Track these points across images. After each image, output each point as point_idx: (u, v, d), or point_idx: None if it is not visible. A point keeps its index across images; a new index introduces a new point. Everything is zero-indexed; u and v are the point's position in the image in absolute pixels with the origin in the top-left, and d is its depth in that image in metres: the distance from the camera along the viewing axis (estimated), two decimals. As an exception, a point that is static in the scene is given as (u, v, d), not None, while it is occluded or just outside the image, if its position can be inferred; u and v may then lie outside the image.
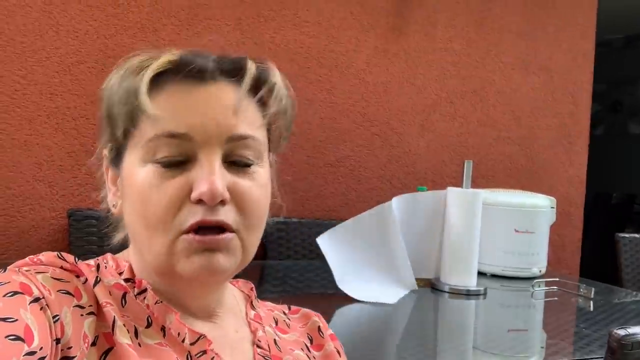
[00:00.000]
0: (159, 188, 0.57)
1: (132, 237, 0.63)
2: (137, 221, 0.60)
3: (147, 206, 0.58)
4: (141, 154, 0.59)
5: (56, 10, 1.99)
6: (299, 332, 0.76)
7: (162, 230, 0.58)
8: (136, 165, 0.59)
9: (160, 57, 0.60)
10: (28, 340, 0.48)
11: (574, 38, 2.89)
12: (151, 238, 0.59)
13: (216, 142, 0.58)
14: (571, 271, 2.89)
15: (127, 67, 0.60)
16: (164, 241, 0.58)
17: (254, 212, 0.61)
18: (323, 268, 2.04)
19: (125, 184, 0.61)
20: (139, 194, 0.59)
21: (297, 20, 2.35)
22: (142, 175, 0.58)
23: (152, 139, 0.58)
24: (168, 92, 0.59)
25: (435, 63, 2.61)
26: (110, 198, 0.65)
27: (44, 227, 1.99)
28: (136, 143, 0.60)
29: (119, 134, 0.60)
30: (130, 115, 0.59)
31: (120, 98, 0.59)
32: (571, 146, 2.91)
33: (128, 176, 0.61)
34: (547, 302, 1.77)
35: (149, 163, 0.58)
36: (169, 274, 0.60)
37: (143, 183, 0.58)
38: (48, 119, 1.99)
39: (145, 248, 0.60)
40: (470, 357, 1.25)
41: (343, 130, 2.44)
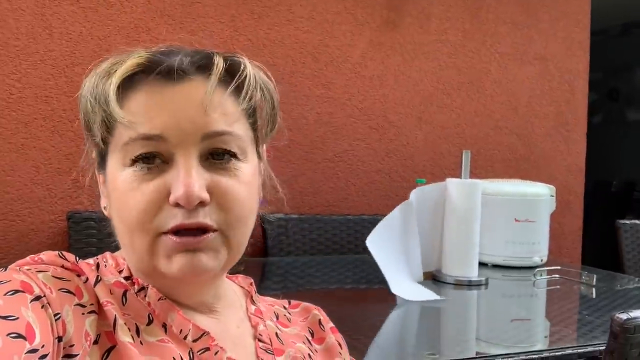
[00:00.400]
0: (137, 191, 0.57)
1: (119, 239, 0.63)
2: (120, 223, 0.60)
3: (126, 209, 0.58)
4: (119, 158, 0.59)
5: (49, 12, 1.99)
6: (300, 326, 0.76)
7: (140, 231, 0.58)
8: (117, 169, 0.59)
9: (127, 60, 0.59)
10: (29, 338, 0.48)
11: (568, 27, 2.88)
12: (132, 239, 0.59)
13: (191, 141, 0.58)
14: (572, 259, 2.89)
15: (97, 73, 0.60)
16: (143, 242, 0.58)
17: (236, 209, 0.60)
18: (324, 264, 2.04)
19: (110, 188, 0.61)
20: (119, 198, 0.59)
21: (291, 16, 2.35)
22: (121, 179, 0.58)
23: (127, 142, 0.57)
24: (139, 94, 0.59)
25: (430, 55, 2.60)
26: (102, 201, 0.66)
27: (43, 230, 1.99)
28: (114, 148, 0.60)
29: (98, 141, 0.60)
30: (104, 123, 0.58)
31: (92, 106, 0.59)
32: (569, 134, 2.91)
33: (111, 180, 0.61)
34: (549, 291, 1.77)
35: (127, 167, 0.58)
36: (153, 273, 0.60)
37: (123, 186, 0.58)
38: (44, 122, 1.99)
39: (129, 249, 0.61)
40: (473, 348, 1.25)
41: (340, 124, 2.44)
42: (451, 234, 1.75)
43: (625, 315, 0.87)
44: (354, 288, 1.77)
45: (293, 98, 2.32)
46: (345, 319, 1.32)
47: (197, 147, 0.58)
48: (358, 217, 2.40)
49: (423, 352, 1.19)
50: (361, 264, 2.05)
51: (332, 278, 1.85)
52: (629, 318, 0.86)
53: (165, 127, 0.57)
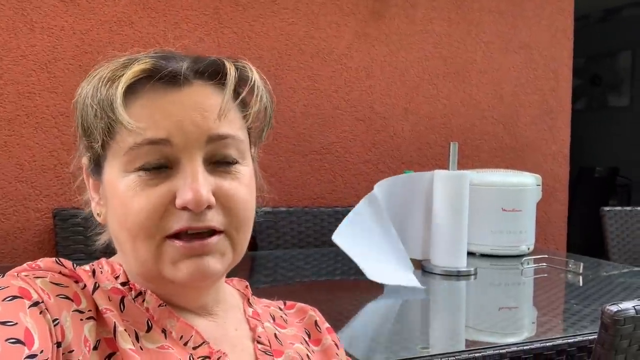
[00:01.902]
0: (142, 196, 0.57)
1: (118, 245, 0.63)
2: (121, 229, 0.60)
3: (129, 214, 0.58)
4: (122, 163, 0.58)
5: (29, 7, 1.95)
6: (297, 327, 0.76)
7: (145, 236, 0.58)
8: (117, 175, 0.59)
9: (132, 65, 0.59)
10: (28, 343, 0.48)
11: (552, 14, 2.90)
12: (135, 245, 0.59)
13: (196, 144, 0.58)
14: (558, 247, 2.92)
15: (99, 78, 0.59)
16: (148, 247, 0.58)
17: (240, 211, 0.61)
18: (313, 256, 2.05)
19: (108, 194, 0.61)
20: (122, 203, 0.58)
21: (276, 8, 2.33)
22: (124, 185, 0.58)
23: (132, 147, 0.57)
24: (143, 99, 0.59)
25: (416, 45, 2.60)
26: (94, 207, 0.65)
27: (29, 229, 1.97)
28: (115, 153, 0.59)
29: (96, 146, 0.60)
30: (107, 127, 0.58)
31: (95, 111, 0.58)
32: (554, 122, 2.93)
33: (110, 186, 0.60)
34: (536, 279, 1.79)
35: (131, 172, 0.58)
36: (157, 278, 0.60)
37: (126, 192, 0.58)
38: (27, 119, 1.96)
39: (131, 255, 0.60)
40: (463, 335, 1.27)
41: (327, 116, 2.43)
42: (440, 225, 1.76)
43: (615, 307, 0.88)
44: (344, 279, 1.77)
45: (279, 91, 2.31)
46: (335, 311, 1.33)
47: (202, 151, 0.59)
48: (346, 208, 2.39)
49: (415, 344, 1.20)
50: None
51: (322, 270, 1.86)
52: (619, 310, 0.87)
53: (170, 131, 0.58)
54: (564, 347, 1.13)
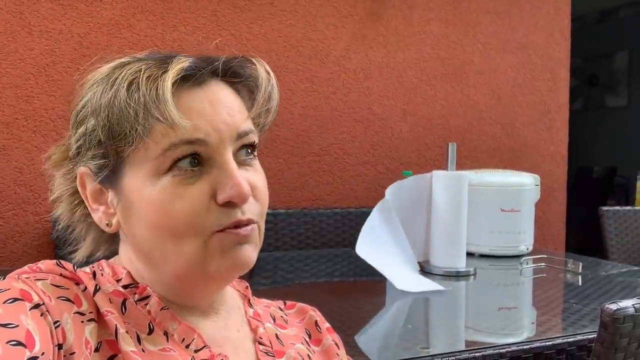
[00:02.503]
0: (183, 196, 0.58)
1: (145, 251, 0.62)
2: (157, 233, 0.59)
3: (171, 216, 0.58)
4: (153, 166, 0.58)
5: (27, 10, 1.95)
6: (297, 327, 0.77)
7: (192, 235, 0.58)
8: (147, 178, 0.59)
9: (173, 64, 0.58)
10: (29, 345, 0.48)
11: (549, 15, 2.90)
12: (180, 245, 0.59)
13: (228, 142, 0.60)
14: (557, 247, 2.93)
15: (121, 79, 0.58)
16: (196, 244, 0.58)
17: (264, 201, 0.64)
18: (312, 257, 2.05)
19: (132, 201, 0.60)
20: (160, 207, 0.58)
21: (274, 10, 2.33)
22: (160, 187, 0.58)
23: (168, 148, 0.57)
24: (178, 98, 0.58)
25: (414, 47, 2.60)
26: (100, 217, 0.64)
27: (28, 232, 1.96)
28: (143, 157, 0.58)
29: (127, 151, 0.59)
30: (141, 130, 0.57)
31: (135, 112, 0.57)
32: (552, 123, 2.94)
33: (136, 192, 0.59)
34: (535, 279, 1.79)
35: (165, 174, 0.58)
36: (198, 276, 0.61)
37: (162, 195, 0.58)
38: (26, 122, 1.96)
39: (170, 257, 0.60)
40: (462, 336, 1.27)
41: (325, 118, 2.44)
42: (439, 226, 1.76)
43: (615, 305, 0.88)
44: (343, 281, 1.78)
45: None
46: (335, 311, 1.33)
47: (232, 147, 0.60)
48: (345, 210, 2.40)
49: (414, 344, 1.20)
50: (349, 257, 2.06)
51: (321, 271, 1.86)
52: (618, 308, 0.87)
53: (206, 130, 0.58)
54: (563, 346, 1.13)
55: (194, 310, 0.65)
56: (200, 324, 0.64)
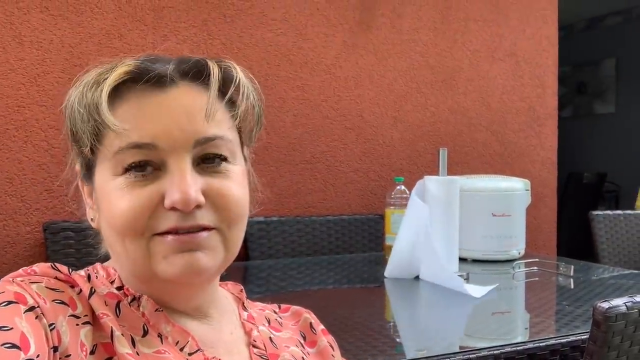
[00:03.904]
0: (130, 197, 0.58)
1: (110, 248, 0.64)
2: (111, 231, 0.60)
3: (117, 214, 0.58)
4: (110, 167, 0.59)
5: (18, 21, 1.95)
6: (292, 330, 0.76)
7: (134, 235, 0.58)
8: (107, 178, 0.60)
9: (116, 68, 0.59)
10: (24, 348, 0.48)
11: (537, 23, 2.94)
12: (124, 244, 0.59)
13: (183, 147, 0.58)
14: (548, 251, 2.94)
15: (85, 83, 0.60)
16: (138, 245, 0.58)
17: (231, 208, 0.61)
18: (305, 265, 2.05)
19: (99, 198, 0.62)
20: (111, 204, 0.59)
21: (264, 19, 2.34)
22: (113, 187, 0.59)
23: (118, 152, 0.58)
24: (128, 102, 0.59)
25: (404, 54, 2.62)
26: (88, 212, 0.66)
27: (19, 243, 1.95)
28: (104, 157, 0.60)
29: (85, 151, 0.60)
30: (94, 132, 0.58)
31: (81, 115, 0.59)
32: (541, 129, 2.96)
33: (100, 190, 0.61)
34: (528, 283, 1.80)
35: (119, 175, 0.58)
36: (149, 278, 0.60)
37: (114, 193, 0.58)
38: (17, 132, 1.95)
39: (123, 256, 0.61)
40: (457, 342, 1.27)
41: (317, 126, 2.45)
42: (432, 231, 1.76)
43: (607, 304, 0.89)
44: (336, 288, 1.78)
45: (269, 101, 2.32)
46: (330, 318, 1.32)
47: (190, 153, 0.59)
48: (338, 217, 2.41)
49: (410, 348, 1.21)
50: (342, 264, 2.06)
51: (315, 279, 1.86)
52: (610, 307, 0.88)
53: (155, 135, 0.58)
54: (557, 347, 1.14)
55: (183, 313, 0.64)
56: (193, 326, 0.64)
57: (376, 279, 1.90)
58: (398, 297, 1.69)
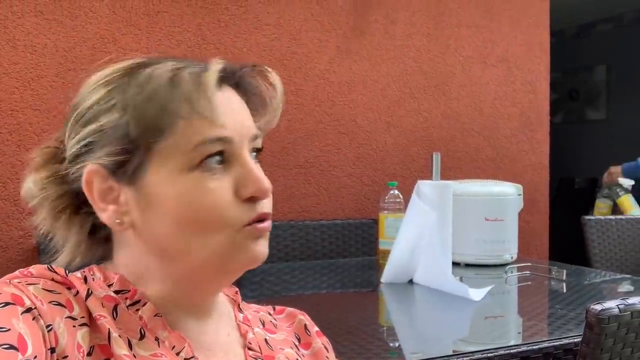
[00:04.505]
0: (210, 191, 0.59)
1: (164, 247, 0.61)
2: (182, 227, 0.60)
3: (199, 210, 0.59)
4: (182, 161, 0.59)
5: (12, 25, 1.95)
6: (286, 331, 0.77)
7: (220, 228, 0.60)
8: (174, 174, 0.59)
9: (211, 65, 0.61)
10: (22, 349, 0.48)
11: (529, 29, 2.96)
12: (206, 239, 0.60)
13: (247, 141, 0.63)
14: (541, 256, 2.96)
15: (158, 76, 0.60)
16: (223, 237, 0.60)
17: (271, 199, 0.66)
18: (299, 269, 2.05)
19: (156, 195, 0.60)
20: (188, 201, 0.59)
21: (258, 24, 2.35)
22: (188, 183, 0.59)
23: (199, 144, 0.59)
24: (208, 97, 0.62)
25: (397, 60, 2.64)
26: (110, 215, 0.62)
27: (12, 247, 1.94)
28: (172, 152, 0.59)
29: (152, 145, 0.59)
30: (181, 124, 0.59)
31: (169, 108, 0.59)
32: (533, 134, 2.98)
33: (161, 187, 0.59)
34: (520, 287, 1.81)
35: (193, 169, 0.59)
36: (217, 271, 0.62)
37: (190, 190, 0.59)
38: (10, 136, 1.95)
39: (195, 251, 0.60)
40: (450, 345, 1.27)
41: (310, 131, 2.45)
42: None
43: (599, 306, 0.90)
44: (330, 293, 1.78)
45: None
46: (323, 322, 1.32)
47: (248, 146, 0.63)
48: (331, 221, 2.41)
49: (404, 352, 1.21)
50: (336, 269, 2.07)
51: (308, 284, 1.86)
52: (603, 309, 0.89)
53: (233, 129, 0.61)
54: (550, 349, 1.14)
55: (190, 313, 0.65)
56: (194, 327, 0.64)
57: (370, 283, 1.90)
58: (392, 301, 1.70)
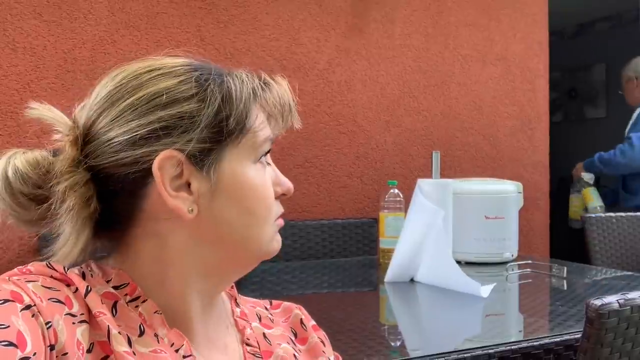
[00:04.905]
0: (268, 185, 0.66)
1: (224, 235, 0.63)
2: (249, 216, 0.64)
3: (261, 200, 0.65)
4: (251, 154, 0.64)
5: (11, 27, 1.95)
6: (283, 326, 0.77)
7: (270, 219, 0.66)
8: (246, 165, 0.64)
9: (274, 78, 0.70)
10: (21, 346, 0.48)
11: (528, 27, 2.96)
12: (263, 228, 0.66)
13: None
14: (541, 254, 2.95)
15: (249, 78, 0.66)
16: (270, 228, 0.67)
17: None
18: (300, 269, 2.05)
19: (231, 184, 0.63)
20: (255, 191, 0.65)
21: (258, 24, 2.36)
22: (255, 174, 0.65)
23: (265, 140, 0.66)
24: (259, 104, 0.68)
25: (396, 59, 2.64)
26: (182, 203, 0.60)
27: (13, 248, 1.95)
28: (247, 144, 0.64)
29: (237, 137, 0.63)
30: (278, 123, 0.68)
31: (273, 107, 0.67)
32: (532, 132, 2.98)
33: (237, 176, 0.63)
34: (521, 285, 1.81)
35: (255, 163, 0.65)
36: (258, 258, 0.68)
37: (257, 180, 0.65)
38: (10, 139, 1.95)
39: (253, 239, 0.65)
40: (451, 342, 1.27)
41: (310, 130, 2.45)
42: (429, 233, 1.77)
43: (599, 301, 0.90)
44: (331, 292, 1.78)
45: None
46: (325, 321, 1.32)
47: None
48: (331, 221, 2.41)
49: (405, 349, 1.21)
50: (336, 268, 2.07)
51: (309, 283, 1.86)
52: (603, 304, 0.89)
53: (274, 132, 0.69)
54: (551, 345, 1.14)
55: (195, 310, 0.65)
56: (196, 323, 0.65)
57: (370, 283, 1.90)
58: (393, 300, 1.70)
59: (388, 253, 1.95)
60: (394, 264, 1.75)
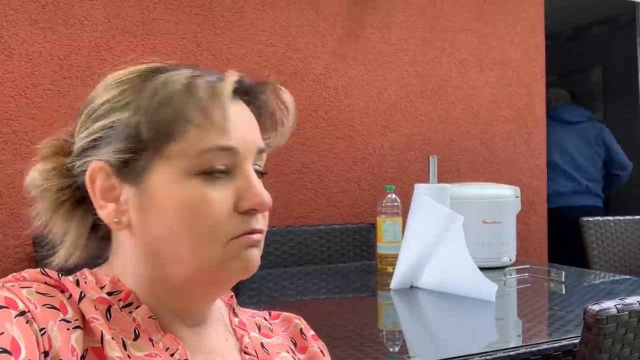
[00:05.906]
0: (209, 201, 0.59)
1: (157, 251, 0.61)
2: (177, 233, 0.60)
3: (196, 218, 0.59)
4: (185, 166, 0.59)
5: (7, 34, 1.95)
6: (282, 336, 0.77)
7: (211, 240, 0.60)
8: (177, 178, 0.59)
9: (227, 76, 0.62)
10: (15, 353, 0.48)
11: (524, 31, 2.97)
12: (197, 248, 0.60)
13: (251, 154, 0.63)
14: (539, 258, 2.95)
15: (175, 81, 0.60)
16: (215, 248, 0.60)
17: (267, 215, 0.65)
18: (297, 275, 2.04)
19: (156, 198, 0.60)
20: (186, 208, 0.59)
21: (254, 30, 2.35)
22: (189, 189, 0.59)
23: (203, 151, 0.59)
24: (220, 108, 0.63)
25: (393, 64, 2.64)
26: (110, 213, 0.62)
27: (9, 256, 1.94)
28: (178, 156, 0.59)
29: (160, 147, 0.59)
30: (192, 130, 0.59)
31: (184, 112, 0.59)
32: (530, 137, 2.99)
33: (162, 190, 0.60)
34: (519, 289, 1.81)
35: (194, 176, 0.59)
36: (207, 281, 0.62)
37: (191, 196, 0.59)
38: (6, 145, 1.94)
39: (185, 259, 0.60)
40: (449, 348, 1.27)
41: (307, 136, 2.45)
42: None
43: (597, 306, 0.89)
44: (328, 298, 1.77)
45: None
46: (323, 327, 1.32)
47: (252, 160, 0.63)
48: (329, 226, 2.40)
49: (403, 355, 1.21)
50: (334, 274, 2.06)
51: (307, 289, 1.85)
52: (601, 309, 0.89)
53: (239, 141, 0.61)
54: (549, 351, 1.14)
55: (184, 319, 0.64)
56: (190, 332, 0.64)
57: (369, 288, 1.90)
58: (391, 306, 1.69)
59: (386, 258, 1.95)
60: (401, 270, 1.71)
